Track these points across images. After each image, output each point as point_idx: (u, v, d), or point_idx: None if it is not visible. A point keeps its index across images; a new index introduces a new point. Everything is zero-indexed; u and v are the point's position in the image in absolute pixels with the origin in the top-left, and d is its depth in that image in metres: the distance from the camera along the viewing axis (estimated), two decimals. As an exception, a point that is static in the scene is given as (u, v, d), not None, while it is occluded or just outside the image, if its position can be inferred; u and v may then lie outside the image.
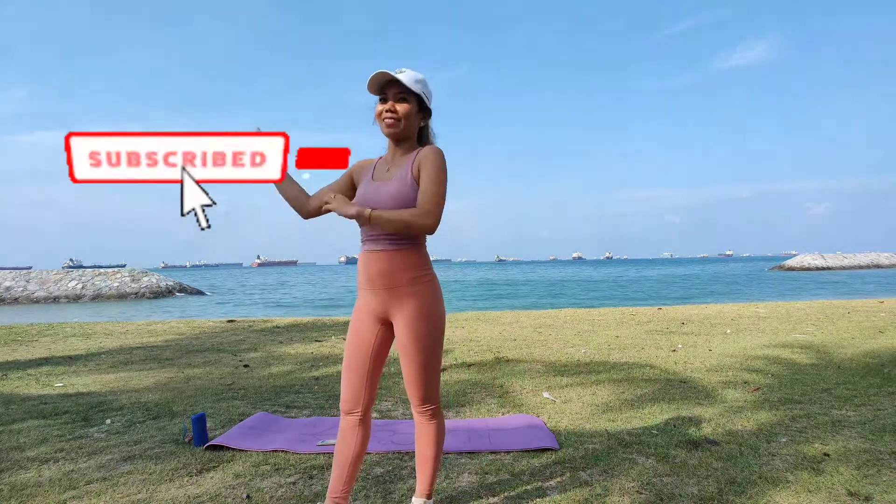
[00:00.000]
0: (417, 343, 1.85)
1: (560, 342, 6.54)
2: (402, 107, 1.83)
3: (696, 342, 6.31)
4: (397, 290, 1.84)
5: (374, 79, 1.81)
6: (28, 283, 28.40)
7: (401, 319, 1.86)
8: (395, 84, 1.81)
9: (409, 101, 1.83)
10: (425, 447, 1.97)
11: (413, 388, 1.91)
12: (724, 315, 9.34)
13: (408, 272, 1.84)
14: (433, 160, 1.81)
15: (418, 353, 1.86)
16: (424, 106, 1.89)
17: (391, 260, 1.83)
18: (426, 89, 1.87)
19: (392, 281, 1.83)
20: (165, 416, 3.46)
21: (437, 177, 1.79)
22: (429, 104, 1.90)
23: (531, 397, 3.88)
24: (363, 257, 1.87)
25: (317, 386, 4.35)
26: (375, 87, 1.84)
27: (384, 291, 1.85)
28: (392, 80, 1.81)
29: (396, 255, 1.83)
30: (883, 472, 2.41)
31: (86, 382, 4.59)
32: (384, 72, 1.79)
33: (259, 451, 2.76)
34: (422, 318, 1.85)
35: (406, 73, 1.81)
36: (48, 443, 2.94)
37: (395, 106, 1.83)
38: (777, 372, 4.55)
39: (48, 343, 7.25)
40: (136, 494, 2.28)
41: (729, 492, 2.23)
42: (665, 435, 2.95)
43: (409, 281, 1.84)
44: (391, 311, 1.87)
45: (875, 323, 7.71)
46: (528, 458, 2.66)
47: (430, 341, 1.87)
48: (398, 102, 1.83)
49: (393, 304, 1.85)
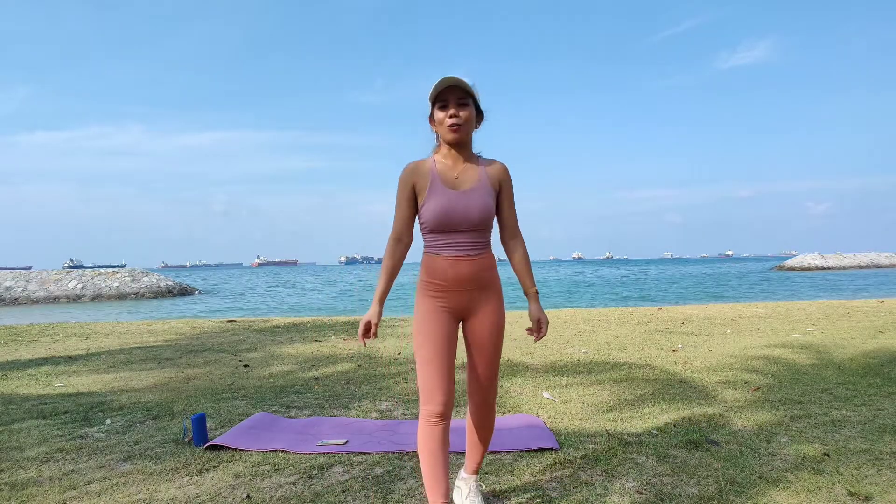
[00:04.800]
0: (499, 339, 1.99)
1: (560, 342, 6.54)
2: (465, 112, 1.87)
3: (696, 342, 6.31)
4: (483, 290, 1.94)
5: (441, 84, 1.83)
6: (28, 283, 28.40)
7: (483, 317, 1.95)
8: (457, 89, 1.85)
9: (469, 106, 1.88)
10: (484, 430, 2.08)
11: (489, 383, 2.01)
12: (724, 315, 9.34)
13: (490, 271, 1.96)
14: (511, 182, 1.99)
15: (497, 349, 2.00)
16: (479, 111, 1.94)
17: (478, 263, 1.93)
18: (478, 94, 1.92)
19: (478, 282, 1.93)
20: (165, 416, 3.46)
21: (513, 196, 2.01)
22: (481, 108, 1.95)
23: (531, 397, 3.88)
24: (444, 262, 1.90)
25: (317, 386, 4.35)
26: (436, 91, 1.87)
27: (468, 292, 1.93)
28: (453, 86, 1.84)
29: (481, 260, 1.93)
30: (883, 472, 2.41)
31: (86, 382, 4.59)
32: (452, 77, 1.82)
33: (259, 451, 2.76)
34: (502, 316, 1.99)
35: (464, 79, 1.85)
36: (48, 443, 2.94)
37: (459, 111, 1.86)
38: (777, 372, 4.55)
39: (48, 343, 7.25)
40: (136, 494, 2.28)
41: (729, 492, 2.23)
42: (665, 435, 2.95)
43: (490, 280, 1.96)
44: (473, 309, 1.95)
45: (875, 323, 7.71)
46: (528, 458, 2.65)
47: (502, 338, 2.02)
48: (461, 108, 1.86)
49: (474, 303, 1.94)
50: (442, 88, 1.84)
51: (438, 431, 1.87)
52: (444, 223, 1.87)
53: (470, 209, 1.86)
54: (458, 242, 1.89)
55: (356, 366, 5.20)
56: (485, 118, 1.98)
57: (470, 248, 1.90)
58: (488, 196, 1.90)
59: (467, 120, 1.87)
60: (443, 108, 1.87)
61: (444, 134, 1.90)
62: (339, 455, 2.72)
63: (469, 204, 1.87)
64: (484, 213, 1.88)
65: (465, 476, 2.20)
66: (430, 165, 1.93)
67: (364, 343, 1.91)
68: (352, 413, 3.54)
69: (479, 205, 1.87)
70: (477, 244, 1.91)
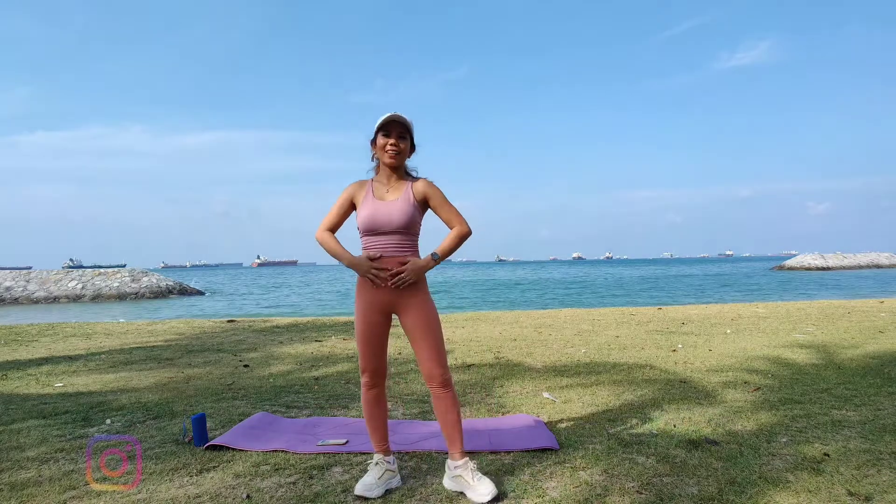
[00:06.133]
0: (430, 331, 2.29)
1: (560, 342, 6.54)
2: (403, 143, 2.30)
3: (696, 342, 6.31)
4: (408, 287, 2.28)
5: (388, 118, 2.25)
6: (28, 283, 28.40)
7: (412, 312, 2.29)
8: (399, 124, 2.28)
9: (406, 139, 2.31)
10: (448, 412, 2.33)
11: (435, 370, 2.29)
12: (724, 315, 9.34)
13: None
14: (436, 188, 2.36)
15: (432, 339, 2.29)
16: (413, 144, 2.37)
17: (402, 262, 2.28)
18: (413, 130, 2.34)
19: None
20: (165, 416, 3.46)
21: (447, 198, 2.36)
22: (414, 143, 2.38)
23: (531, 397, 3.88)
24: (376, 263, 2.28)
25: (317, 386, 4.35)
26: (381, 124, 2.27)
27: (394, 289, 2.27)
28: (396, 121, 2.27)
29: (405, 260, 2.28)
30: (883, 472, 2.41)
31: (86, 382, 4.59)
32: (397, 114, 2.25)
33: (259, 451, 2.76)
34: (430, 310, 2.32)
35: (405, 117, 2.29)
36: (48, 443, 2.94)
37: (398, 142, 2.28)
38: (777, 372, 4.55)
39: (48, 343, 7.25)
40: (136, 494, 2.28)
41: (729, 492, 2.23)
42: (665, 435, 2.95)
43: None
44: (401, 304, 2.29)
45: (875, 323, 7.71)
46: (528, 458, 2.65)
47: (438, 322, 2.34)
48: (401, 139, 2.29)
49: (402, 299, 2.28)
50: (387, 121, 2.27)
51: (371, 396, 2.39)
52: (372, 226, 2.26)
53: (392, 213, 2.26)
54: (385, 243, 2.27)
55: (356, 366, 5.20)
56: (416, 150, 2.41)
57: (395, 248, 2.27)
58: (409, 204, 2.28)
59: (403, 150, 2.31)
60: (385, 136, 2.28)
61: (382, 158, 2.32)
62: (339, 455, 2.72)
63: (391, 209, 2.26)
64: (404, 216, 2.25)
65: (458, 463, 2.30)
66: (368, 183, 2.39)
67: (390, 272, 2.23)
68: (352, 413, 3.54)
69: (400, 209, 2.26)
70: (402, 245, 2.28)
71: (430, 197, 2.34)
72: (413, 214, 2.28)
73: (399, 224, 2.25)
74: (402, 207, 2.27)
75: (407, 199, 2.29)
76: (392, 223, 2.25)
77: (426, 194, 2.33)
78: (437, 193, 2.34)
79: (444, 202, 2.35)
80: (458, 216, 2.35)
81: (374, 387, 2.38)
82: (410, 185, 2.34)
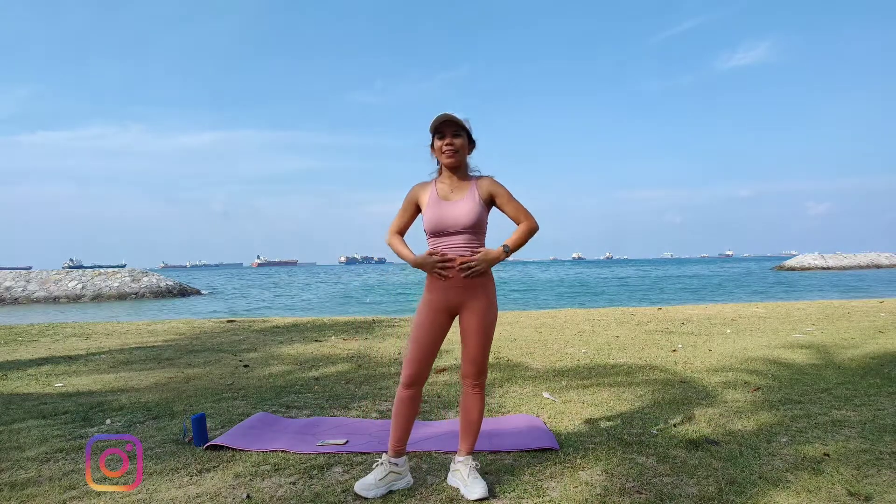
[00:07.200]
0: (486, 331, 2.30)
1: (560, 342, 6.54)
2: (459, 141, 2.26)
3: (696, 342, 6.31)
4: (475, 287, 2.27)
5: (438, 119, 2.22)
6: (28, 283, 28.40)
7: (474, 311, 2.27)
8: (452, 123, 2.24)
9: (462, 136, 2.27)
10: (472, 411, 2.37)
11: (477, 368, 2.33)
12: (724, 315, 9.34)
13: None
14: (501, 185, 2.33)
15: (484, 339, 2.30)
16: (471, 139, 2.33)
17: None
18: (470, 126, 2.29)
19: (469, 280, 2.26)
20: (165, 416, 3.46)
21: (512, 195, 2.33)
22: (473, 138, 2.33)
23: (531, 397, 3.88)
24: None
25: (317, 386, 4.35)
26: (434, 127, 2.26)
27: (461, 289, 2.26)
28: (449, 120, 2.23)
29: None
30: (883, 472, 2.41)
31: (86, 382, 4.59)
32: (447, 113, 2.21)
33: (259, 451, 2.76)
34: (492, 311, 2.31)
35: (457, 114, 2.24)
36: (48, 443, 2.94)
37: (453, 140, 2.25)
38: (777, 372, 4.55)
39: (48, 343, 7.25)
40: (136, 494, 2.28)
41: (729, 492, 2.23)
42: (665, 435, 2.95)
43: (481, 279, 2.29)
44: (465, 303, 2.28)
45: (875, 323, 7.71)
46: (528, 458, 2.65)
47: (494, 327, 2.35)
48: (455, 137, 2.25)
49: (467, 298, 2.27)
50: (438, 123, 2.24)
51: (407, 395, 2.31)
52: (439, 227, 2.24)
53: (458, 213, 2.23)
54: (453, 244, 2.25)
55: (356, 366, 5.20)
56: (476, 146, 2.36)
57: (462, 248, 2.24)
58: (475, 203, 2.25)
59: (460, 147, 2.26)
60: (440, 139, 2.26)
61: (441, 159, 2.29)
62: (339, 455, 2.72)
63: (457, 209, 2.24)
64: (471, 217, 2.23)
65: (461, 458, 2.35)
66: (432, 184, 2.35)
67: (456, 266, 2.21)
68: (352, 413, 3.54)
69: (466, 210, 2.24)
70: (469, 245, 2.25)
71: (496, 195, 2.31)
72: (479, 213, 2.25)
73: (466, 224, 2.22)
74: (468, 207, 2.24)
75: (472, 198, 2.26)
76: (459, 223, 2.23)
77: (491, 192, 2.30)
78: (502, 191, 2.31)
79: (510, 199, 2.32)
80: (526, 212, 2.32)
81: (412, 386, 2.32)
82: (475, 184, 2.31)
